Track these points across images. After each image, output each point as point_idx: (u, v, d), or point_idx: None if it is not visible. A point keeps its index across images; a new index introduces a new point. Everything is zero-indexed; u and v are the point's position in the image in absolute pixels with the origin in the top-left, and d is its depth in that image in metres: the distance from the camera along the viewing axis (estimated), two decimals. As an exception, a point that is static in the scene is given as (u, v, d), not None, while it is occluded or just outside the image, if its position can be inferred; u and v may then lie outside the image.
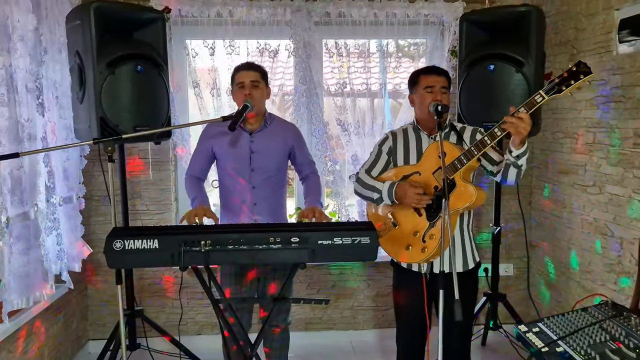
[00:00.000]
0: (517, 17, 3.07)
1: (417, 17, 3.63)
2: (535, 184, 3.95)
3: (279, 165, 2.87)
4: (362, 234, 2.27)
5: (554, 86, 2.21)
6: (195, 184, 2.87)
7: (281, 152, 2.88)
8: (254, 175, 2.81)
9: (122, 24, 2.89)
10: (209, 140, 2.86)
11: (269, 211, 2.84)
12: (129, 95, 2.85)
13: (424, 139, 2.67)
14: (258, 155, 2.81)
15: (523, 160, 2.41)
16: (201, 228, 2.36)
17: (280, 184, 2.91)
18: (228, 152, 2.82)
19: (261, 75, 2.80)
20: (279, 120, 2.96)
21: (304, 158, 2.97)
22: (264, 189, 2.83)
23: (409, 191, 2.51)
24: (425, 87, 2.61)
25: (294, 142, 2.92)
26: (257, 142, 2.82)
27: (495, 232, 3.40)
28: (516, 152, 2.37)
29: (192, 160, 2.95)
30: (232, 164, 2.83)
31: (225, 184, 2.89)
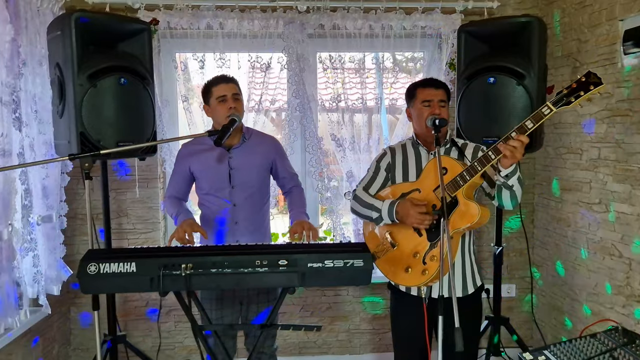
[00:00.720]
0: (518, 28, 2.95)
1: (413, 29, 3.51)
2: (538, 202, 3.81)
3: (260, 181, 2.75)
4: (354, 256, 2.13)
5: (562, 98, 2.08)
6: (174, 202, 2.75)
7: (262, 167, 2.75)
8: (235, 193, 2.68)
9: (106, 35, 2.77)
10: (185, 160, 2.74)
11: (252, 230, 2.70)
12: (112, 109, 2.71)
13: (423, 155, 2.54)
14: (238, 172, 2.68)
15: (514, 180, 2.28)
16: (182, 250, 2.20)
17: (262, 201, 2.78)
18: (206, 170, 2.70)
19: (238, 87, 2.70)
20: (257, 134, 2.84)
21: (285, 171, 2.85)
22: (246, 207, 2.70)
23: (411, 210, 2.36)
24: (423, 100, 2.49)
25: (275, 155, 2.80)
26: (236, 158, 2.69)
27: (496, 252, 3.24)
28: (505, 171, 2.25)
29: (170, 182, 2.83)
30: (210, 182, 2.70)
31: (205, 204, 2.77)
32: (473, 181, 2.31)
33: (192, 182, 2.80)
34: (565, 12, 3.37)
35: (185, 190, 2.82)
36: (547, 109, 2.10)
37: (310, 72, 3.49)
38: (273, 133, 3.59)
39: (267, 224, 2.84)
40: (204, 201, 2.77)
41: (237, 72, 3.45)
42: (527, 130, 2.14)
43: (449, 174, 2.35)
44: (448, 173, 2.36)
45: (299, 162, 3.71)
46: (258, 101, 3.49)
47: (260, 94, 3.48)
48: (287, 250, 2.16)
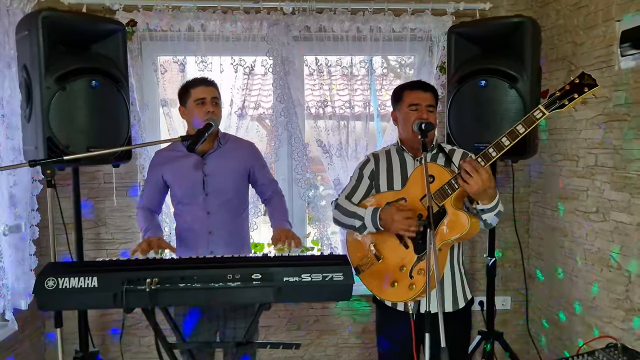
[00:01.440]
0: (510, 29, 2.82)
1: (403, 31, 3.39)
2: (533, 210, 3.66)
3: (236, 188, 2.61)
4: (334, 269, 1.97)
5: (555, 100, 1.94)
6: (146, 216, 2.61)
7: (238, 173, 2.61)
8: (209, 200, 2.54)
9: (78, 36, 2.64)
10: (158, 168, 2.62)
11: (228, 240, 2.56)
12: (82, 114, 2.58)
13: (408, 162, 2.40)
14: (212, 178, 2.54)
15: (489, 216, 2.17)
16: (149, 263, 2.05)
17: (239, 209, 2.64)
18: (179, 177, 2.57)
19: (218, 91, 2.58)
20: (234, 140, 2.71)
21: (264, 178, 2.71)
22: (221, 215, 2.55)
23: (395, 215, 2.22)
24: (410, 104, 2.36)
25: (253, 161, 2.67)
26: (211, 165, 2.55)
27: (489, 264, 3.09)
28: (481, 206, 2.15)
29: (143, 192, 2.70)
30: (183, 189, 2.57)
31: (178, 214, 2.64)
32: (462, 190, 2.17)
33: (165, 191, 2.67)
34: (560, 13, 3.25)
35: (158, 201, 2.69)
36: (539, 112, 1.97)
37: (295, 76, 3.36)
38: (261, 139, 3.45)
39: (245, 233, 2.70)
40: (177, 210, 2.64)
41: (219, 75, 3.32)
42: (519, 135, 2.01)
43: (436, 182, 2.22)
44: (435, 181, 2.22)
45: (285, 169, 3.57)
46: (241, 106, 3.35)
47: (244, 99, 3.35)
48: (262, 263, 2.01)
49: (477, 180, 2.02)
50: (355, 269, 2.42)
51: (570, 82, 1.93)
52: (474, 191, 2.06)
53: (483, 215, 2.16)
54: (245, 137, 3.34)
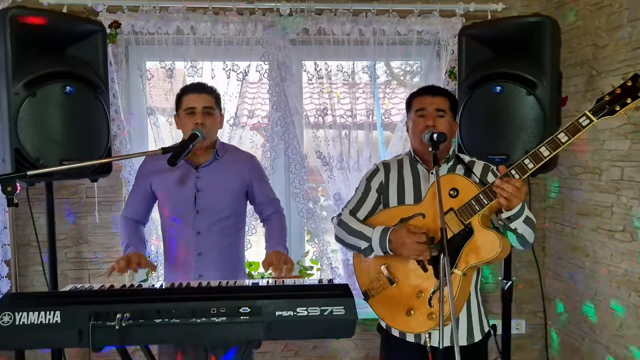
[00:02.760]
0: (527, 30, 2.57)
1: (409, 34, 3.14)
2: (550, 227, 3.39)
3: (232, 206, 2.34)
4: (334, 302, 1.72)
5: (604, 105, 1.70)
6: (130, 227, 2.35)
7: (235, 190, 2.35)
8: (199, 219, 2.28)
9: (52, 37, 2.41)
10: (146, 177, 2.36)
11: (219, 263, 2.30)
12: (56, 122, 2.34)
13: (422, 174, 2.15)
14: (205, 194, 2.28)
15: (518, 223, 1.90)
16: (121, 294, 1.79)
17: (233, 229, 2.37)
18: (168, 190, 2.31)
19: (215, 100, 2.32)
20: (233, 151, 2.44)
21: (264, 196, 2.43)
22: (212, 235, 2.29)
23: (407, 239, 1.96)
24: (417, 109, 2.11)
25: (252, 176, 2.39)
26: (205, 178, 2.29)
27: (505, 287, 2.82)
28: (506, 213, 1.88)
29: (128, 201, 2.45)
30: (172, 204, 2.31)
31: (166, 231, 2.38)
32: (492, 205, 1.91)
33: (153, 201, 2.41)
34: (579, 14, 3.00)
35: (144, 211, 2.43)
36: (585, 119, 1.73)
37: (292, 82, 3.11)
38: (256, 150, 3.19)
39: (239, 257, 2.43)
40: (165, 226, 2.38)
41: (210, 82, 3.06)
42: (561, 145, 1.77)
43: (461, 196, 1.96)
44: (460, 195, 1.96)
45: (282, 182, 3.31)
46: (234, 114, 3.10)
47: (237, 107, 3.10)
48: (251, 295, 1.75)
49: (520, 196, 1.82)
50: (364, 293, 2.15)
51: (621, 85, 1.70)
52: (513, 207, 1.84)
53: (511, 224, 1.88)
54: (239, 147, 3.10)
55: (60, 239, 3.20)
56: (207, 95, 2.27)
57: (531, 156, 1.83)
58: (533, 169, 1.85)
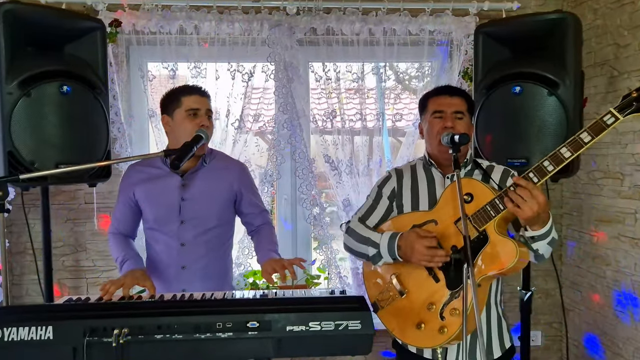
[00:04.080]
0: (548, 28, 2.44)
1: (420, 34, 3.02)
2: (567, 235, 3.26)
3: (219, 216, 2.19)
4: (350, 315, 1.59)
5: (631, 102, 1.56)
6: (120, 242, 2.20)
7: (223, 199, 2.19)
8: (183, 229, 2.13)
9: (48, 34, 2.29)
10: (130, 186, 2.19)
11: (204, 277, 2.15)
12: (51, 124, 2.21)
13: (437, 179, 2.02)
14: (190, 203, 2.13)
15: (540, 244, 1.77)
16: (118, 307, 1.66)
17: (220, 241, 2.22)
18: (151, 198, 2.15)
19: (211, 104, 2.18)
20: (221, 158, 2.28)
21: (253, 206, 2.27)
22: (197, 247, 2.14)
23: (416, 244, 1.83)
24: (434, 111, 1.98)
25: (241, 185, 2.23)
26: (191, 186, 2.14)
27: (525, 298, 2.68)
28: (530, 232, 1.75)
29: (113, 215, 2.27)
30: (155, 214, 2.15)
31: (149, 242, 2.22)
32: (508, 212, 1.78)
33: (139, 213, 2.25)
34: (598, 12, 2.88)
35: (132, 225, 2.27)
36: (610, 116, 1.58)
37: (300, 84, 2.99)
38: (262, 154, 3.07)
39: (226, 270, 2.28)
40: (149, 238, 2.23)
41: (214, 83, 2.95)
42: (583, 146, 1.63)
43: (475, 202, 1.83)
44: (474, 200, 1.84)
45: (288, 188, 3.19)
46: (239, 117, 2.98)
47: (242, 109, 2.97)
48: (258, 308, 1.61)
49: (531, 204, 1.64)
50: (373, 304, 2.02)
51: None
52: (526, 217, 1.67)
53: (534, 244, 1.76)
54: (244, 151, 2.99)
55: (58, 246, 3.08)
56: (208, 100, 2.14)
57: (550, 158, 1.69)
58: (553, 172, 1.70)
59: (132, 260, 2.12)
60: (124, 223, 2.23)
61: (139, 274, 2.04)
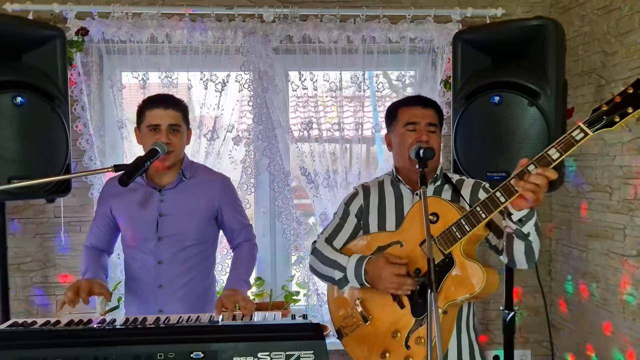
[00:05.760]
0: (529, 35, 2.34)
1: (401, 41, 2.91)
2: (556, 249, 3.13)
3: (199, 233, 2.09)
4: (302, 345, 1.47)
5: (601, 116, 1.44)
6: (90, 255, 2.11)
7: (203, 216, 2.10)
8: (161, 246, 2.04)
9: (5, 43, 2.20)
10: (107, 200, 2.12)
11: (184, 296, 2.05)
12: (5, 137, 2.13)
13: (405, 196, 1.91)
14: (168, 219, 2.04)
15: (530, 226, 1.63)
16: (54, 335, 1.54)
17: (200, 259, 2.12)
18: (128, 214, 2.07)
19: (182, 114, 2.07)
20: (204, 172, 2.19)
21: (235, 222, 2.17)
22: (175, 266, 2.05)
23: (384, 270, 1.73)
24: (406, 123, 1.87)
25: (222, 201, 2.14)
26: (169, 202, 2.05)
27: (507, 319, 2.55)
28: (517, 214, 1.60)
29: (90, 229, 2.19)
30: (132, 230, 2.07)
31: (127, 261, 2.15)
32: (475, 233, 1.67)
33: (116, 228, 2.17)
34: (585, 19, 2.77)
35: (108, 239, 2.19)
36: (579, 132, 1.46)
37: (275, 93, 2.88)
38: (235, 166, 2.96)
39: (207, 289, 2.18)
40: (127, 256, 2.15)
41: (186, 92, 2.86)
42: (552, 162, 1.51)
43: (440, 222, 1.73)
44: (439, 221, 1.73)
45: (267, 201, 3.08)
46: (212, 128, 2.87)
47: (214, 120, 2.87)
48: (206, 337, 1.50)
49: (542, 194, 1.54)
50: (338, 331, 1.93)
51: (621, 93, 1.43)
52: (534, 205, 1.58)
53: (524, 227, 1.61)
54: (217, 163, 2.88)
55: (26, 262, 2.98)
56: (174, 111, 2.02)
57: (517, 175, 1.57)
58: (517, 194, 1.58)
59: (92, 272, 2.03)
60: (99, 237, 2.15)
61: (95, 281, 1.93)
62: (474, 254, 1.75)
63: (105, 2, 2.83)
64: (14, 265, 2.96)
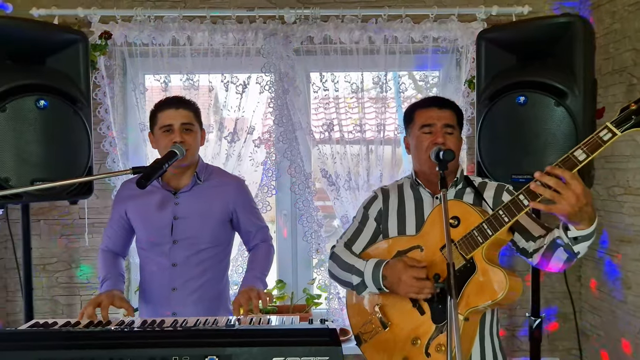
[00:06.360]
0: (556, 32, 2.25)
1: (424, 41, 2.86)
2: (586, 254, 2.99)
3: (213, 236, 2.09)
4: (317, 351, 1.44)
5: (630, 115, 1.37)
6: (107, 260, 2.12)
7: (217, 219, 2.09)
8: (176, 250, 2.04)
9: (28, 48, 2.22)
10: (122, 203, 2.13)
11: (197, 301, 2.05)
12: (28, 140, 2.15)
13: (425, 199, 1.86)
14: (183, 222, 2.04)
15: (582, 246, 1.55)
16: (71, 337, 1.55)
17: (214, 262, 2.11)
18: (143, 217, 2.08)
19: (194, 114, 2.07)
20: (219, 174, 2.18)
21: (251, 224, 2.17)
22: (189, 269, 2.05)
23: (403, 274, 1.68)
24: (422, 125, 1.82)
25: (237, 203, 2.13)
26: (184, 205, 2.05)
27: (534, 325, 2.47)
28: (574, 232, 1.51)
29: (105, 232, 2.21)
30: (147, 233, 2.08)
31: (142, 264, 2.15)
32: (498, 237, 1.61)
33: (131, 231, 2.18)
34: (616, 16, 2.67)
35: (123, 242, 2.20)
36: (607, 132, 1.40)
37: (296, 95, 2.86)
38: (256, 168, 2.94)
39: (220, 292, 2.16)
40: (142, 259, 2.16)
41: (207, 94, 2.86)
42: (578, 164, 1.45)
43: (461, 226, 1.67)
44: (461, 225, 1.68)
45: (288, 203, 3.06)
46: (233, 130, 2.87)
47: (235, 122, 2.87)
48: (221, 341, 1.48)
49: (569, 195, 1.40)
50: (356, 337, 1.89)
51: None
52: (567, 212, 1.43)
53: (576, 246, 1.53)
54: (238, 166, 2.87)
55: (52, 262, 3.03)
56: (185, 110, 2.03)
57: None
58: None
59: (112, 281, 2.04)
60: (115, 241, 2.16)
61: (116, 294, 1.95)
62: (497, 259, 1.69)
63: (128, 5, 2.86)
64: (40, 266, 3.02)
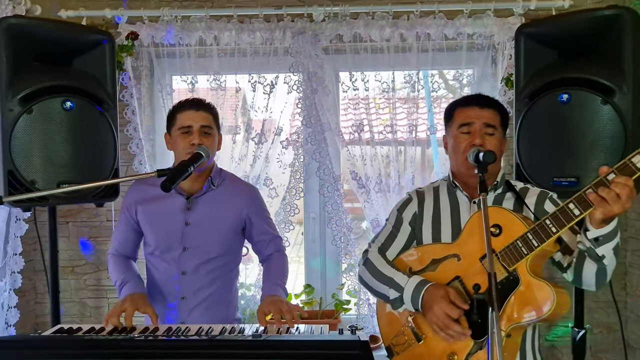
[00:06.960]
0: (601, 26, 2.12)
1: (458, 38, 2.75)
2: (632, 262, 2.85)
3: (224, 245, 2.03)
4: (348, 366, 1.35)
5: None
6: (120, 264, 2.07)
7: (229, 227, 2.04)
8: (186, 257, 1.99)
9: (55, 48, 2.21)
10: (132, 207, 2.07)
11: (205, 310, 1.99)
12: (54, 142, 2.13)
13: (462, 204, 1.75)
14: (194, 229, 1.98)
15: (606, 249, 1.45)
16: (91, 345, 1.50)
17: (225, 271, 2.06)
18: (153, 221, 2.02)
19: (214, 118, 2.02)
20: (232, 180, 2.12)
21: (264, 234, 2.11)
22: (199, 278, 1.99)
23: (437, 305, 1.59)
24: (461, 124, 1.72)
25: (250, 212, 2.07)
26: (196, 211, 1.99)
27: (577, 338, 2.32)
28: (595, 232, 1.43)
29: (114, 236, 2.17)
30: (156, 238, 2.02)
31: (149, 269, 2.09)
32: (544, 248, 1.50)
33: (141, 234, 2.12)
34: (666, 7, 2.50)
35: (133, 245, 2.15)
36: None
37: (325, 95, 2.78)
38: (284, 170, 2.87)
39: (229, 302, 2.11)
40: (149, 265, 2.10)
41: (234, 95, 2.81)
42: (636, 172, 1.32)
43: (503, 236, 1.56)
44: (502, 234, 1.57)
45: (316, 206, 2.99)
46: (260, 131, 2.81)
47: (263, 122, 2.80)
48: (244, 352, 1.41)
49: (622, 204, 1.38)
50: (387, 348, 1.80)
51: None
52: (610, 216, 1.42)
53: (599, 248, 1.45)
54: (265, 167, 2.81)
55: (80, 264, 3.03)
56: (205, 113, 1.98)
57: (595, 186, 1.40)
58: None
59: (132, 283, 1.98)
60: (125, 244, 2.12)
61: (139, 299, 1.89)
62: (541, 272, 1.58)
63: (155, 6, 2.83)
64: (68, 268, 3.02)
